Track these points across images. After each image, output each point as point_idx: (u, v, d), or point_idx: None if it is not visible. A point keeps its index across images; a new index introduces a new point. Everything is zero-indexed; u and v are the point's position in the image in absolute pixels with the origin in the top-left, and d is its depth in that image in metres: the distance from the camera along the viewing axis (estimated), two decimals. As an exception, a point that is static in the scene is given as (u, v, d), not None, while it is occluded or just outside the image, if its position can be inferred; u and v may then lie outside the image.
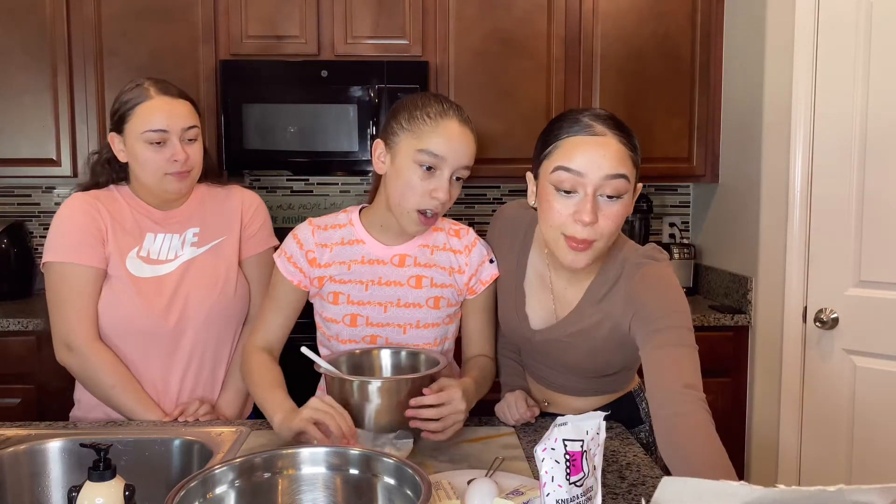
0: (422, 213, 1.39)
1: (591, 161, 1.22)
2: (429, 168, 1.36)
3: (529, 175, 1.36)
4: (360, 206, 1.55)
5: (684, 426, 1.14)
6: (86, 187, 1.70)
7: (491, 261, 1.52)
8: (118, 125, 1.62)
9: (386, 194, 1.43)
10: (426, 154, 1.35)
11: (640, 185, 1.31)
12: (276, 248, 1.74)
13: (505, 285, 1.51)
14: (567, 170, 1.23)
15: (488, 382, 1.51)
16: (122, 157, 1.64)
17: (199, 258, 1.67)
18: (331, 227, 1.51)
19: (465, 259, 1.50)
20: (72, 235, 1.59)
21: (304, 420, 1.27)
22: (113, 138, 1.64)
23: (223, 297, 1.67)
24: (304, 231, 1.51)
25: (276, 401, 1.38)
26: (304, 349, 1.39)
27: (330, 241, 1.50)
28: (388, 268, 1.48)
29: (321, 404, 1.27)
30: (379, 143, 1.43)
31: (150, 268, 1.64)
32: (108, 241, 1.61)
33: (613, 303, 1.34)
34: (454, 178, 1.39)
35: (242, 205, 1.75)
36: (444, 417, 1.30)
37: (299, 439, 1.29)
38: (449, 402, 1.31)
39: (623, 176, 1.23)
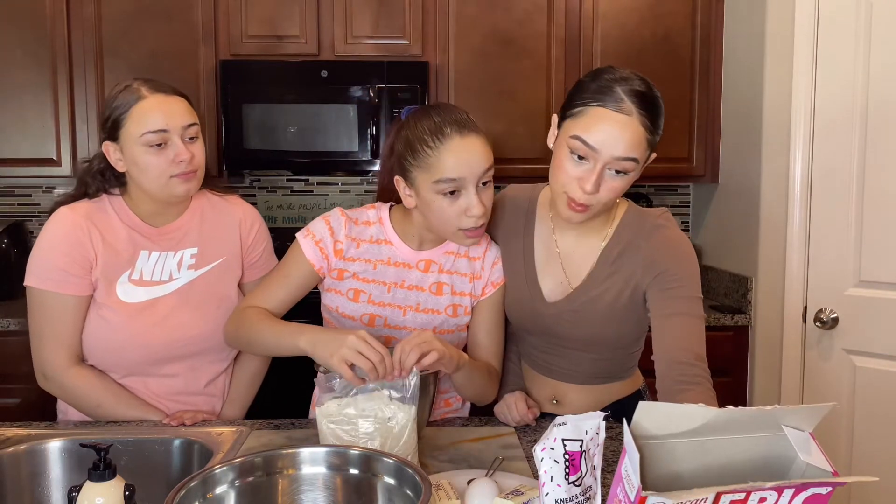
0: (465, 230, 1.38)
1: (608, 139, 1.26)
2: (453, 192, 1.35)
3: (555, 117, 1.38)
4: (390, 204, 1.52)
5: (690, 397, 1.22)
6: (73, 197, 1.58)
7: None
8: (112, 132, 1.50)
9: (423, 220, 1.43)
10: (443, 183, 1.34)
11: (654, 154, 1.34)
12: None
13: (514, 265, 1.51)
14: (584, 142, 1.27)
15: (485, 375, 1.48)
16: (119, 167, 1.52)
17: (199, 281, 1.59)
18: (362, 222, 1.49)
19: (480, 264, 1.51)
20: (55, 261, 1.50)
21: (339, 362, 1.23)
22: (108, 147, 1.51)
23: (226, 319, 1.59)
24: (336, 219, 1.47)
25: (295, 326, 1.35)
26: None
27: (361, 236, 1.48)
28: (413, 272, 1.48)
29: (360, 344, 1.22)
30: (399, 180, 1.41)
31: (144, 290, 1.55)
32: (97, 266, 1.51)
33: (632, 263, 1.39)
34: (481, 184, 1.36)
35: (242, 225, 1.65)
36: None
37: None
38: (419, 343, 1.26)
39: (633, 159, 1.28)
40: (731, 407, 0.78)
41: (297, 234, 1.48)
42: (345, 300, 1.48)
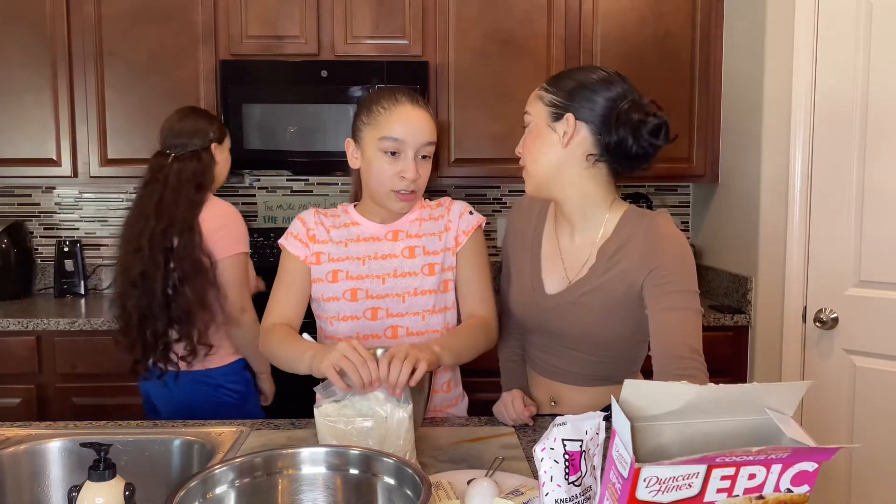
0: (397, 192, 1.49)
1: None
2: (393, 153, 1.47)
3: (570, 117, 1.39)
4: (353, 203, 1.64)
5: None
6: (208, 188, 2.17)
7: (470, 213, 1.62)
8: (221, 137, 2.27)
9: (365, 186, 1.55)
10: (387, 140, 1.47)
11: (570, 117, 1.37)
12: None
13: (523, 261, 1.55)
14: None
15: (472, 341, 1.49)
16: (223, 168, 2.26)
17: None
18: (330, 214, 1.62)
19: (447, 217, 1.60)
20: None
21: (328, 366, 1.26)
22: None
23: None
24: (307, 213, 1.61)
25: (302, 347, 1.41)
26: (305, 335, 1.43)
27: (328, 224, 1.59)
28: (382, 243, 1.57)
29: (348, 350, 1.26)
30: (350, 142, 1.56)
31: None
32: None
33: (629, 259, 1.40)
34: (419, 156, 1.49)
35: None
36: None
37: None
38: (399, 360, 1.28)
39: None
40: (712, 384, 0.79)
41: (280, 241, 1.59)
42: (325, 284, 1.55)
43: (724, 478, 0.74)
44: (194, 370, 2.12)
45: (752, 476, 0.75)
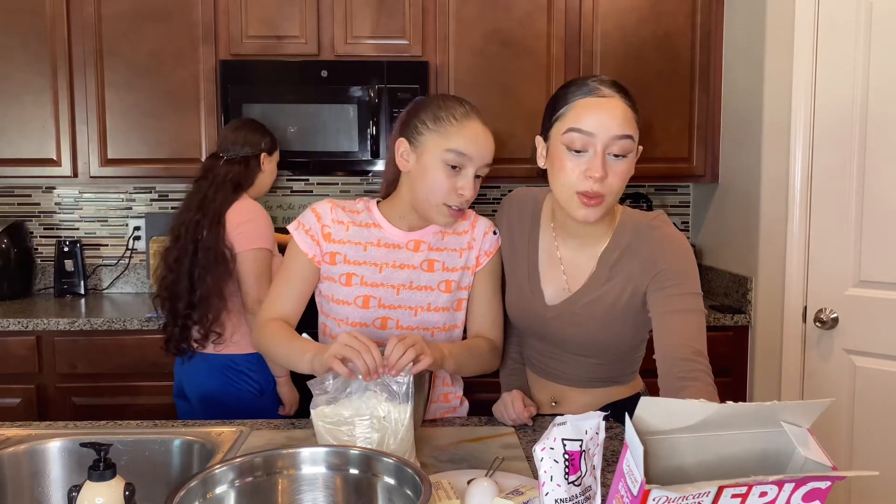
0: (449, 206, 1.44)
1: (601, 120, 1.30)
2: (455, 167, 1.41)
3: (539, 138, 1.42)
4: (376, 200, 1.57)
5: (690, 393, 1.21)
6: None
7: (494, 233, 1.57)
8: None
9: (410, 191, 1.47)
10: (453, 153, 1.41)
11: (640, 147, 1.37)
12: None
13: (517, 267, 1.52)
14: (579, 130, 1.30)
15: (477, 356, 1.50)
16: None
17: None
18: (349, 209, 1.53)
19: (471, 235, 1.55)
20: None
21: (331, 357, 1.24)
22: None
23: None
24: (322, 206, 1.52)
25: (302, 344, 1.39)
26: (304, 335, 1.41)
27: (348, 220, 1.52)
28: (403, 252, 1.51)
29: (350, 339, 1.25)
30: (403, 141, 1.46)
31: None
32: None
33: (631, 265, 1.40)
34: (476, 175, 1.45)
35: None
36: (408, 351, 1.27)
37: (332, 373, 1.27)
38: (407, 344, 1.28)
39: (629, 136, 1.31)
40: (731, 402, 0.78)
41: (289, 227, 1.53)
42: (338, 286, 1.50)
43: (734, 496, 0.74)
44: (221, 354, 2.26)
45: (763, 494, 0.74)
